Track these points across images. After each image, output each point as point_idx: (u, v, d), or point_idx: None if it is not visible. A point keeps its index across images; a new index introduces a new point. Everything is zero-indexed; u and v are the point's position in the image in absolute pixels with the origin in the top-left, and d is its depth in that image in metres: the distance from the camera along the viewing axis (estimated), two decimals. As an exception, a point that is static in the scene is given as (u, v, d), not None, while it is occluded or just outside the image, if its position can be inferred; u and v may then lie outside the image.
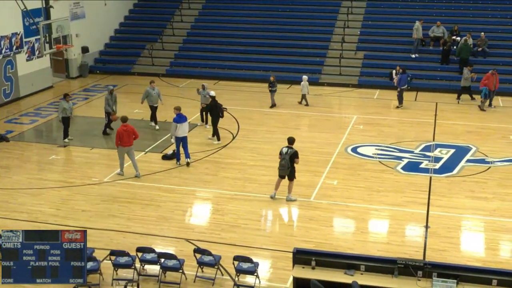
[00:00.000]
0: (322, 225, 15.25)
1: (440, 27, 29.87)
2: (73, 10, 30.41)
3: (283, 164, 16.16)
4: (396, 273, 11.46)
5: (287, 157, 16.10)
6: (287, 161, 16.08)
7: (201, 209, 16.78)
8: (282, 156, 16.22)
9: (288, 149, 16.19)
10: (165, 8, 35.84)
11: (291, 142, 16.37)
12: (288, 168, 16.14)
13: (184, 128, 18.95)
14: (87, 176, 18.43)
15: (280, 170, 16.33)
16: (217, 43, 32.64)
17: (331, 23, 32.72)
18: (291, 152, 16.14)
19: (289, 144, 16.32)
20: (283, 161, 16.14)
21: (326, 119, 23.95)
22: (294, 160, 16.19)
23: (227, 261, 12.83)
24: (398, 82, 25.10)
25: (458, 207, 16.17)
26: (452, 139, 21.37)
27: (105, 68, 32.23)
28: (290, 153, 16.11)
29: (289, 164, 16.11)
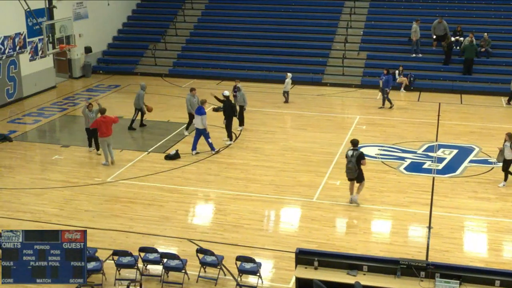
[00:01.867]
0: (325, 225, 15.24)
1: (442, 23, 29.78)
2: (76, 10, 30.44)
3: (350, 167, 15.85)
4: (399, 274, 11.45)
5: (353, 160, 15.76)
6: (353, 163, 15.75)
7: (204, 209, 16.79)
8: (348, 159, 15.88)
9: (353, 151, 15.84)
10: (168, 8, 35.85)
11: (355, 144, 16.02)
12: (356, 170, 15.83)
13: (196, 120, 19.64)
14: (90, 176, 18.45)
15: (348, 173, 16.03)
16: (219, 43, 32.64)
17: (334, 23, 32.71)
18: (357, 154, 15.80)
19: (353, 146, 15.98)
20: (350, 164, 15.81)
21: (328, 119, 23.94)
22: (361, 161, 15.84)
23: (229, 261, 12.84)
24: (383, 83, 24.90)
25: (461, 208, 16.16)
26: (455, 140, 21.35)
27: (108, 68, 32.27)
28: (356, 155, 15.78)
29: (356, 166, 15.79)
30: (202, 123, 19.67)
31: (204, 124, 19.71)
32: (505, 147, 17.17)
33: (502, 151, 17.29)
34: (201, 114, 19.69)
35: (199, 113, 19.75)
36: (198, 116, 19.73)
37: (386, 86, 24.86)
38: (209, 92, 22.22)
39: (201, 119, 19.65)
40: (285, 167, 18.85)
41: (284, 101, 25.90)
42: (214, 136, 21.69)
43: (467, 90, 27.72)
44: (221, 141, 21.03)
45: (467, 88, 27.81)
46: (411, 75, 28.19)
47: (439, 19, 29.89)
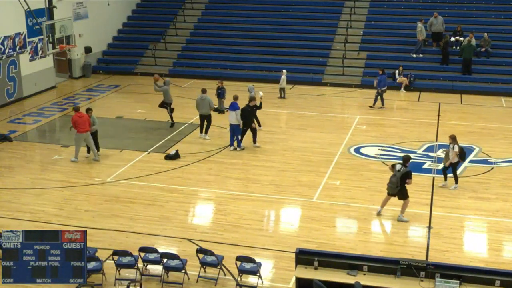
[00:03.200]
0: (325, 225, 15.25)
1: (438, 17, 29.75)
2: (76, 10, 30.44)
3: (392, 181, 15.24)
4: (399, 274, 11.46)
5: (398, 175, 15.14)
6: (397, 178, 15.13)
7: (204, 209, 16.79)
8: (394, 172, 15.28)
9: (402, 167, 15.20)
10: (168, 8, 35.86)
11: (406, 160, 15.25)
12: (397, 187, 15.22)
13: (231, 116, 20.16)
14: (90, 176, 18.45)
15: (389, 187, 15.43)
16: (220, 43, 32.65)
17: (334, 23, 32.72)
18: (404, 171, 15.10)
19: (404, 162, 15.28)
20: (393, 178, 15.20)
21: (328, 119, 23.94)
22: (406, 180, 15.17)
23: (229, 261, 12.84)
24: (378, 83, 24.89)
25: (461, 208, 16.16)
26: (455, 140, 21.32)
27: (108, 68, 32.27)
28: (402, 172, 15.11)
29: (399, 182, 15.16)
30: (236, 118, 20.04)
31: (238, 120, 20.06)
32: (449, 149, 16.92)
33: (447, 154, 17.02)
34: (235, 109, 20.08)
35: (233, 109, 20.11)
36: (232, 111, 20.08)
37: (380, 85, 24.79)
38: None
39: (235, 115, 20.01)
40: (285, 167, 18.85)
41: (279, 97, 26.11)
42: (216, 135, 21.73)
43: (467, 90, 27.74)
44: (220, 141, 21.04)
45: (467, 88, 27.82)
46: (411, 75, 28.19)
47: (434, 14, 29.87)
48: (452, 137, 17.04)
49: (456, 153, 16.87)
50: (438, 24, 29.78)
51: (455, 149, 16.85)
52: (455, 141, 16.95)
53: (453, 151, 16.84)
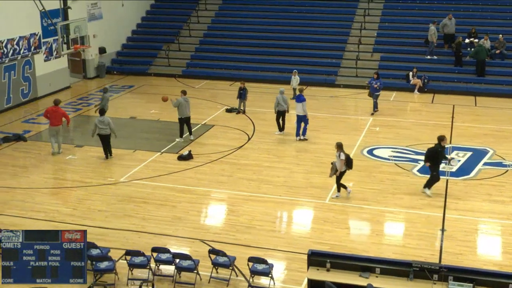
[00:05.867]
0: (337, 227, 15.21)
1: (452, 19, 29.60)
2: (90, 11, 30.62)
3: None
4: (412, 276, 11.40)
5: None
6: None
7: (216, 210, 16.81)
8: None
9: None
10: (181, 9, 35.97)
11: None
12: None
13: (297, 108, 21.04)
14: (103, 176, 18.54)
15: None
16: (233, 44, 32.69)
17: (348, 25, 32.64)
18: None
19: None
20: None
21: (341, 120, 23.88)
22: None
23: (241, 262, 12.84)
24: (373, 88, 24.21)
25: (474, 211, 16.05)
26: (469, 142, 21.21)
27: (122, 69, 32.41)
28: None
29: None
30: (303, 109, 20.87)
31: (305, 110, 20.90)
32: (336, 157, 16.36)
33: (335, 165, 16.40)
34: (301, 101, 20.94)
35: (299, 100, 21.00)
36: (299, 103, 20.94)
37: (375, 90, 24.27)
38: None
39: (302, 106, 20.84)
40: (297, 169, 18.84)
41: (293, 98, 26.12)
42: (228, 136, 21.78)
43: (481, 92, 27.55)
44: (233, 142, 21.08)
45: (481, 90, 27.64)
46: (425, 77, 28.06)
47: (449, 15, 29.70)
48: (338, 144, 16.38)
49: (343, 161, 16.29)
50: (451, 25, 29.62)
51: (341, 157, 16.26)
52: (341, 149, 16.30)
53: (340, 159, 16.25)
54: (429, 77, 28.24)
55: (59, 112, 20.20)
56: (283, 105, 21.70)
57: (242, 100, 24.65)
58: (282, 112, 21.81)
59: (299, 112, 21.05)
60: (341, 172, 16.46)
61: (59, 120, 20.12)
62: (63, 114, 20.39)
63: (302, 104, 20.96)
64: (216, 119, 24.03)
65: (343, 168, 16.42)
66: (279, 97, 21.71)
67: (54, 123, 20.11)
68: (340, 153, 16.26)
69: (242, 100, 24.67)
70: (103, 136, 19.66)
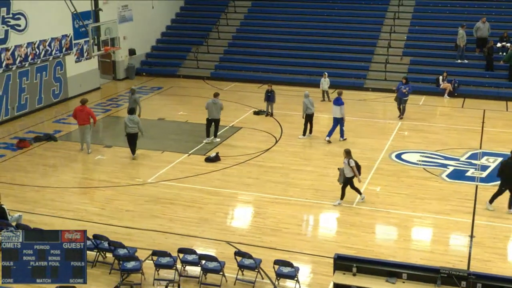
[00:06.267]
0: (364, 231, 15.11)
1: (486, 23, 29.22)
2: (121, 13, 30.96)
3: None
4: (439, 283, 11.27)
5: None
6: None
7: (243, 212, 16.83)
8: None
9: None
10: (211, 11, 36.14)
11: None
12: None
13: (335, 110, 21.34)
14: (131, 177, 18.70)
15: None
16: (262, 47, 32.74)
17: (377, 28, 32.45)
18: None
19: None
20: None
21: (370, 124, 23.73)
22: None
23: (267, 264, 12.84)
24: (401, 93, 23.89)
25: (504, 217, 15.80)
26: (499, 147, 20.89)
27: (151, 71, 32.69)
28: None
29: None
30: (340, 112, 21.17)
31: (343, 114, 21.26)
32: (344, 164, 16.10)
33: (342, 171, 16.15)
34: (340, 104, 21.18)
35: (337, 104, 21.22)
36: (337, 106, 21.20)
37: (403, 95, 24.01)
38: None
39: (340, 109, 21.12)
40: (325, 172, 18.76)
41: (322, 100, 26.74)
42: (256, 139, 21.81)
43: (513, 97, 27.14)
44: (260, 144, 21.11)
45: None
46: (455, 81, 27.74)
47: (483, 18, 29.31)
48: (346, 151, 16.17)
49: (353, 167, 16.01)
50: (485, 29, 29.25)
51: (351, 164, 15.97)
52: (350, 155, 16.05)
53: (349, 166, 15.97)
54: (459, 82, 27.92)
55: (85, 111, 20.40)
56: (311, 108, 21.69)
57: (270, 102, 24.68)
58: (310, 115, 21.78)
59: (337, 114, 21.35)
60: (349, 178, 16.26)
61: (85, 120, 20.37)
62: (89, 113, 20.54)
63: (340, 107, 21.18)
64: (244, 121, 24.08)
65: (350, 174, 16.20)
66: (306, 100, 21.68)
67: (81, 123, 20.40)
68: (349, 160, 16.06)
69: (270, 103, 24.69)
70: (131, 135, 19.94)
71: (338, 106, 21.21)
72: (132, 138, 20.00)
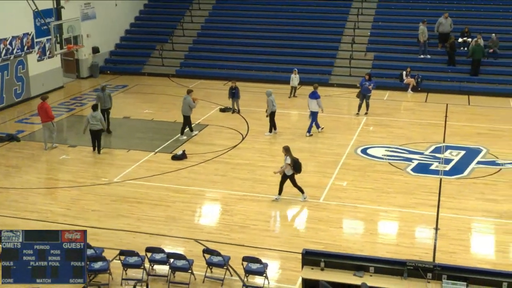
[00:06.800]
0: (331, 226, 15.23)
1: (448, 18, 29.68)
2: (84, 11, 30.54)
3: None
4: (406, 275, 11.42)
5: None
6: None
7: (210, 209, 16.80)
8: None
9: None
10: (175, 9, 35.91)
11: None
12: None
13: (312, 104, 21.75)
14: (97, 176, 18.50)
15: None
16: (227, 44, 32.67)
17: (341, 24, 32.68)
18: None
19: None
20: None
21: (335, 120, 23.89)
22: None
23: (236, 261, 12.84)
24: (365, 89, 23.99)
25: (468, 209, 16.10)
26: (462, 141, 21.28)
27: (116, 69, 32.35)
28: None
29: None
30: (318, 105, 21.68)
31: (321, 106, 21.76)
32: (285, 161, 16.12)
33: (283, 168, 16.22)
34: (316, 97, 21.62)
35: (314, 97, 21.64)
36: (313, 100, 21.61)
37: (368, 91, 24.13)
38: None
39: (317, 102, 21.62)
40: (291, 168, 18.82)
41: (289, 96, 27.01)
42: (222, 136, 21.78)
43: (475, 91, 27.63)
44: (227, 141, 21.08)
45: (475, 89, 27.73)
46: (419, 76, 28.12)
47: (445, 14, 29.77)
48: (285, 148, 16.21)
49: (289, 164, 16.07)
50: (447, 25, 29.71)
51: (287, 161, 16.02)
52: (288, 152, 16.17)
53: (286, 163, 16.05)
54: (422, 76, 28.31)
55: (44, 108, 20.25)
56: (275, 105, 21.77)
57: (235, 99, 24.68)
58: (274, 112, 21.84)
59: (314, 108, 21.78)
60: (288, 176, 16.23)
61: (46, 116, 20.24)
62: (46, 110, 20.27)
63: (317, 100, 21.61)
64: (210, 118, 24.03)
65: (290, 172, 16.20)
66: (271, 98, 21.74)
67: (43, 120, 20.33)
68: (287, 157, 16.07)
69: (235, 100, 24.70)
70: (94, 132, 19.91)
71: (315, 99, 21.60)
72: (95, 135, 19.93)
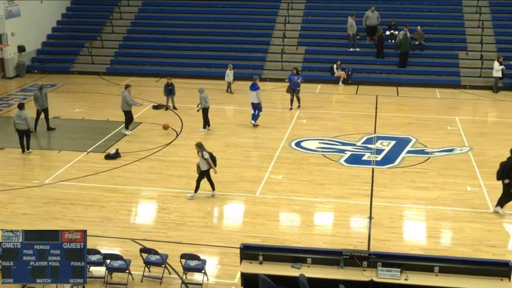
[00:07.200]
0: (268, 219, 15.33)
1: (375, 12, 30.39)
2: (7, 9, 29.54)
3: None
4: (342, 265, 11.63)
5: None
6: None
7: (146, 208, 16.60)
8: None
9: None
10: (104, 5, 35.22)
11: None
12: None
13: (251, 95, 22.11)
14: (27, 179, 17.96)
15: None
16: (158, 40, 32.33)
17: (272, 19, 32.90)
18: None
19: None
20: None
21: (269, 114, 24.02)
22: None
23: (174, 259, 12.75)
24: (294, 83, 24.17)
25: (400, 198, 16.54)
26: (392, 131, 21.83)
27: (43, 67, 31.46)
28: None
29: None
30: (257, 97, 21.91)
31: (259, 98, 22.00)
32: (199, 157, 16.27)
33: (198, 165, 16.35)
34: (255, 89, 21.93)
35: (254, 89, 21.94)
36: (253, 91, 21.92)
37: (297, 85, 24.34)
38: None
39: (256, 94, 21.89)
40: (227, 163, 18.83)
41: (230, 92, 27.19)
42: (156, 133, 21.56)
43: (403, 82, 28.44)
44: (161, 138, 20.89)
45: (403, 81, 28.53)
46: (349, 69, 28.65)
47: (371, 7, 30.45)
48: (198, 145, 16.17)
49: (208, 159, 16.02)
50: (374, 18, 30.39)
51: (204, 156, 16.00)
52: (203, 148, 16.10)
53: (203, 159, 16.13)
54: (352, 69, 28.86)
55: None
56: (208, 102, 21.73)
57: (171, 96, 24.49)
58: (208, 108, 21.79)
59: (253, 100, 22.05)
60: (204, 171, 16.23)
61: None
62: None
63: (256, 92, 21.91)
64: (143, 116, 23.73)
65: (206, 167, 16.20)
66: (204, 95, 21.66)
67: None
68: (203, 153, 16.04)
69: (171, 96, 24.50)
70: (21, 132, 19.47)
71: (254, 91, 21.94)
72: (22, 135, 19.50)
